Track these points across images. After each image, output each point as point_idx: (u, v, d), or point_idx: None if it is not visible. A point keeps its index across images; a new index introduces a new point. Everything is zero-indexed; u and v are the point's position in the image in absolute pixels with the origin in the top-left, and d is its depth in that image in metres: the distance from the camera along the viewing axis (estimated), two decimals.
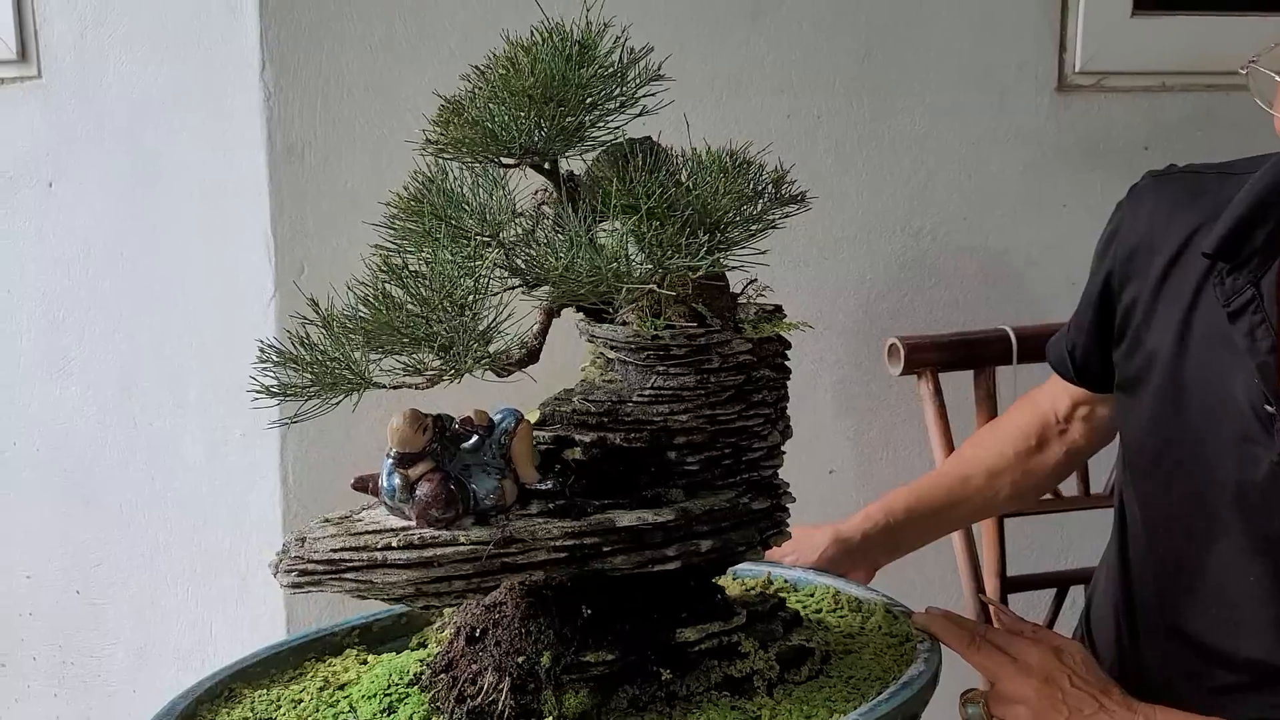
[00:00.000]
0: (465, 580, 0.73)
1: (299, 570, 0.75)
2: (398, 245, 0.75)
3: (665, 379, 0.80)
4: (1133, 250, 1.09)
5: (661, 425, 0.79)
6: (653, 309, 0.85)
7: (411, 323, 0.70)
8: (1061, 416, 1.23)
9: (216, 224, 1.42)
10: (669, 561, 0.76)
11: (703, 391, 0.80)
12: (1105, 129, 1.62)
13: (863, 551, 1.16)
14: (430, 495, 0.73)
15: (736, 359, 0.81)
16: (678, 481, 0.80)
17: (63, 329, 1.54)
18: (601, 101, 0.78)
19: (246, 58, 1.34)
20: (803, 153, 1.51)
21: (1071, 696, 0.91)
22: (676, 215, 0.71)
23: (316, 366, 0.72)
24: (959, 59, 1.55)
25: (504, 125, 0.74)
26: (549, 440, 0.82)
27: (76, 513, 1.58)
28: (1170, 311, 1.05)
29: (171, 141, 1.44)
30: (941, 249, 1.59)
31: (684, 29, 1.45)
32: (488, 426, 0.77)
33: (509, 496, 0.76)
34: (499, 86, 0.74)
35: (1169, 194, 1.08)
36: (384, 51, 1.37)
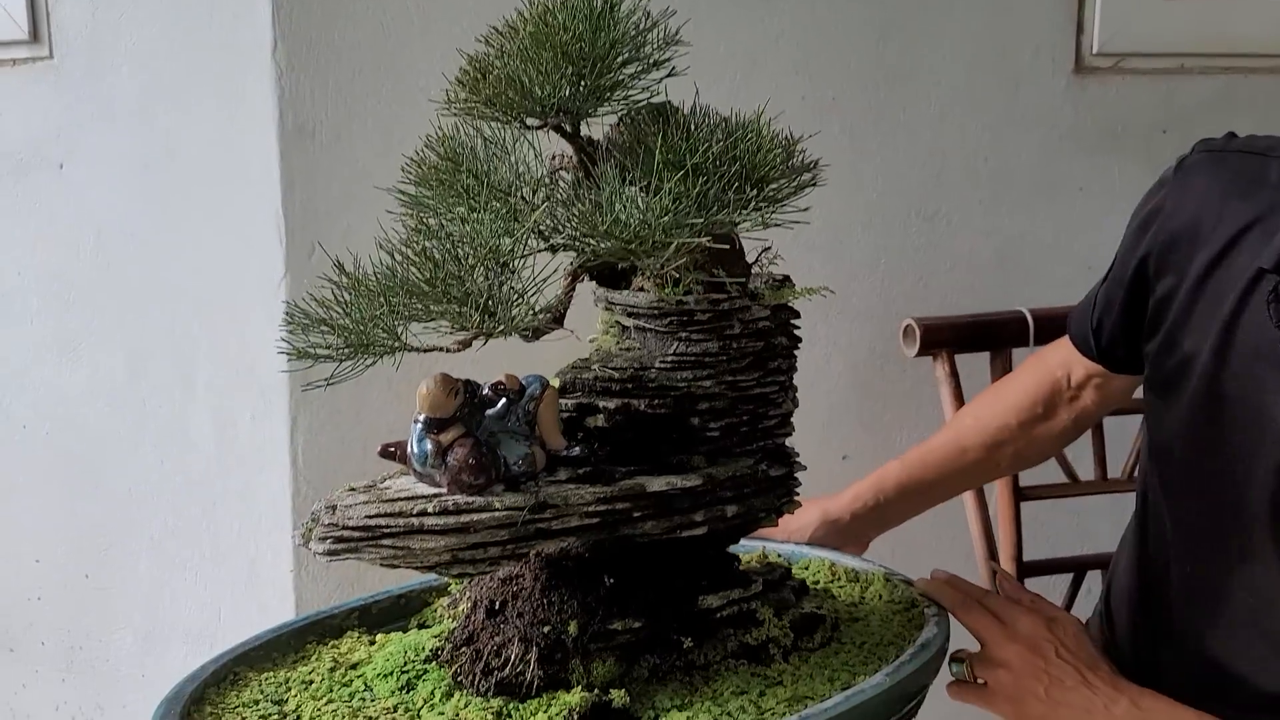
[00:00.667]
0: (500, 546, 0.73)
1: (334, 538, 0.74)
2: (431, 206, 0.74)
3: (688, 345, 0.80)
4: (1174, 237, 0.99)
5: (685, 391, 0.79)
6: (669, 277, 0.84)
7: (452, 281, 0.69)
8: (1074, 382, 1.17)
9: (227, 205, 1.42)
10: (696, 527, 0.76)
11: (725, 357, 0.80)
12: (1123, 111, 1.60)
13: (852, 530, 1.14)
14: (463, 461, 0.73)
15: (757, 325, 0.81)
16: (699, 448, 0.80)
17: (72, 311, 1.54)
18: (629, 62, 0.78)
19: (259, 37, 1.33)
20: (818, 136, 1.48)
21: (1055, 667, 0.89)
22: (724, 171, 0.69)
23: (348, 330, 0.71)
24: (975, 41, 1.54)
25: (540, 82, 0.72)
26: (571, 408, 0.81)
27: (85, 496, 1.58)
28: (1211, 315, 0.95)
29: (183, 122, 1.43)
30: (957, 233, 1.57)
31: (698, 8, 1.43)
32: (519, 390, 0.76)
33: (539, 463, 0.76)
34: (530, 45, 0.73)
35: (1223, 178, 0.97)
36: (396, 31, 1.37)
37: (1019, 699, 0.89)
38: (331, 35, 1.35)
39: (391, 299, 0.69)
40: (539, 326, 0.75)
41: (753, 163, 0.71)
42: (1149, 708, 0.89)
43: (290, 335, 0.72)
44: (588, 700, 0.72)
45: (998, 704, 0.91)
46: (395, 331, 0.70)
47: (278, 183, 1.36)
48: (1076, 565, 1.42)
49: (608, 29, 0.74)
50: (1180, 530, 1.03)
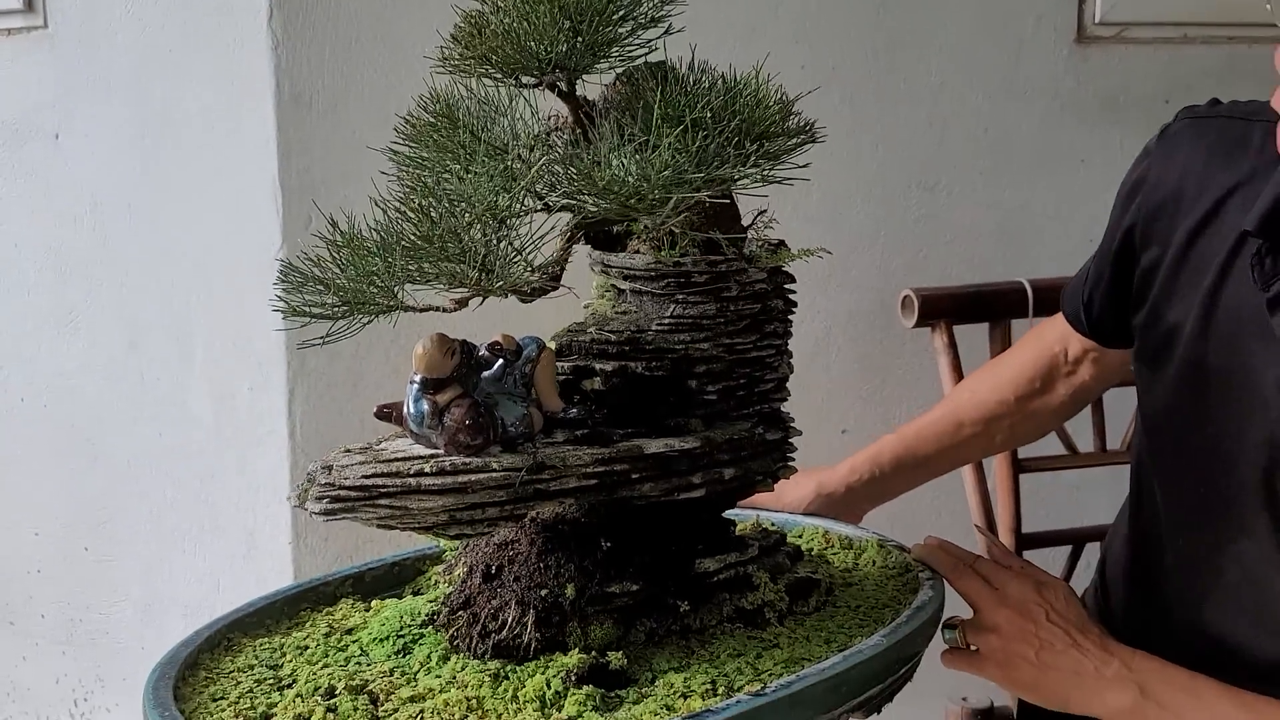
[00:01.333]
0: (499, 507, 0.72)
1: (331, 497, 0.74)
2: (427, 164, 0.73)
3: (685, 308, 0.79)
4: (1158, 206, 0.98)
5: (683, 354, 0.79)
6: (665, 239, 0.84)
7: (449, 238, 0.68)
8: (1071, 357, 1.16)
9: (224, 175, 1.41)
10: (694, 489, 0.75)
11: (722, 320, 0.79)
12: (1125, 81, 1.59)
13: (846, 502, 1.13)
14: (460, 421, 0.72)
15: (754, 288, 0.81)
16: (696, 411, 0.80)
17: (69, 283, 1.54)
18: (626, 19, 0.77)
19: (255, 5, 1.32)
20: (817, 105, 1.47)
21: (1045, 630, 0.89)
22: (723, 126, 0.69)
23: (343, 288, 0.70)
24: (976, 9, 1.53)
25: (536, 37, 0.72)
26: (567, 370, 0.81)
27: (84, 468, 1.58)
28: (1195, 284, 0.95)
29: (179, 92, 1.42)
30: (957, 204, 1.57)
31: None
32: (515, 351, 0.76)
33: (536, 424, 0.75)
34: None
35: (1206, 144, 0.96)
36: (392, 2, 1.35)
37: (1009, 663, 0.89)
38: (328, 3, 1.34)
39: (388, 257, 0.69)
40: (538, 285, 0.74)
41: (752, 118, 0.71)
42: (1140, 668, 0.89)
43: (285, 294, 0.71)
44: (585, 662, 0.72)
45: (989, 669, 0.91)
46: (391, 290, 0.69)
47: (274, 152, 1.35)
48: (1075, 537, 1.42)
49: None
50: (1171, 503, 1.03)
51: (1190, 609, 1.01)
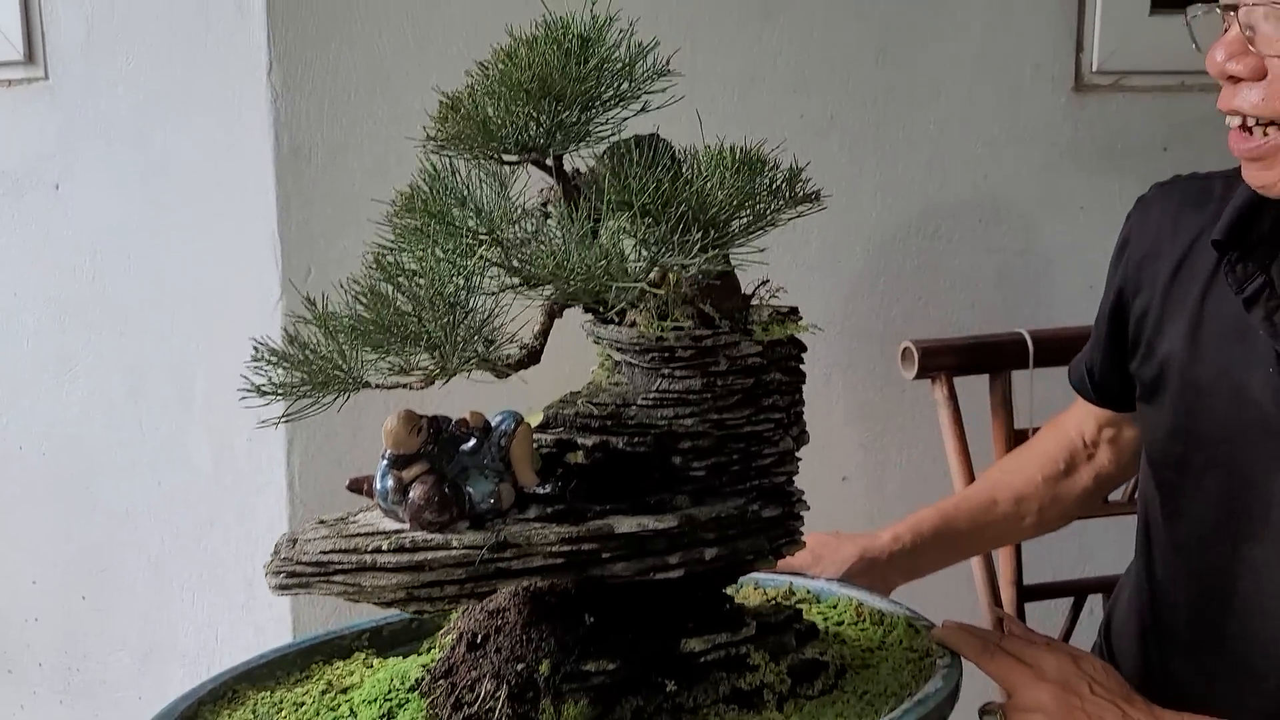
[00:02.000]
0: (458, 585, 0.72)
1: (286, 572, 0.74)
2: (393, 243, 0.74)
3: (671, 382, 0.79)
4: (1142, 259, 1.09)
5: (666, 429, 0.78)
6: (660, 310, 0.84)
7: (401, 320, 0.68)
8: (1089, 440, 1.21)
9: (223, 226, 1.41)
10: (671, 569, 0.74)
11: (709, 395, 0.78)
12: (1123, 129, 1.59)
13: (883, 573, 1.13)
14: (423, 497, 0.72)
15: (745, 362, 0.80)
16: (684, 488, 0.78)
17: (69, 331, 1.53)
18: (605, 97, 0.77)
19: (254, 59, 1.33)
20: (816, 153, 1.44)
21: (1092, 704, 0.87)
22: (671, 211, 0.69)
23: (308, 365, 0.71)
24: (974, 58, 1.54)
25: (499, 120, 0.72)
26: (551, 444, 0.80)
27: (82, 517, 1.57)
28: (1180, 313, 1.04)
29: (178, 143, 1.43)
30: (957, 251, 1.57)
31: (696, 27, 1.44)
32: (483, 428, 0.76)
33: (505, 500, 0.75)
34: (496, 81, 0.73)
35: (1175, 200, 1.09)
36: (391, 53, 1.36)
37: None
38: (327, 57, 1.34)
39: (342, 338, 0.69)
40: (511, 362, 0.75)
41: (700, 203, 0.69)
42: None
43: (253, 370, 0.72)
44: None
45: None
46: (350, 371, 0.70)
47: (273, 204, 1.35)
48: (1077, 589, 1.42)
49: (582, 63, 0.74)
50: (1179, 529, 1.05)
51: (1203, 630, 1.03)
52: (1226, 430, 0.99)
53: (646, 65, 0.77)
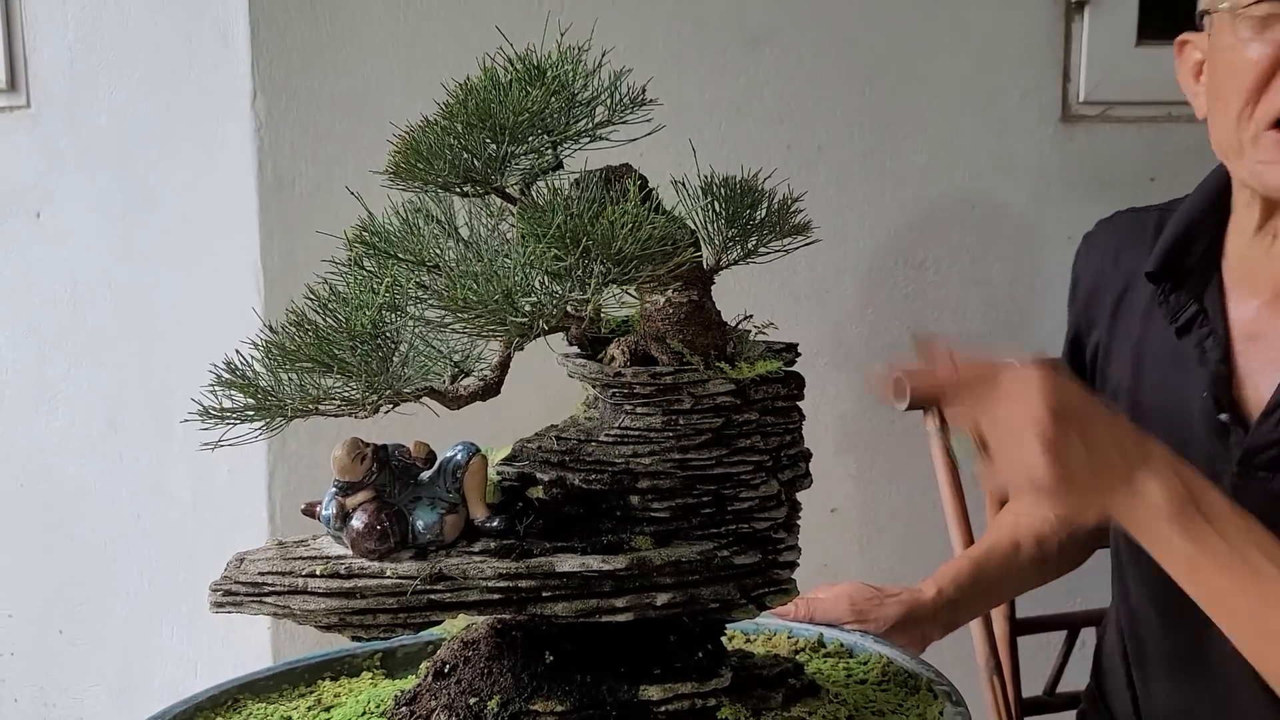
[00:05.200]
0: (391, 614, 0.71)
1: (224, 590, 0.74)
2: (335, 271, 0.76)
3: (632, 419, 0.77)
4: (1089, 295, 1.15)
5: (624, 468, 0.76)
6: (634, 345, 0.82)
7: (320, 349, 0.69)
8: None
9: (206, 256, 1.40)
10: (618, 613, 0.72)
11: (671, 434, 0.76)
12: (1111, 160, 1.59)
13: (924, 629, 1.11)
14: (363, 526, 0.73)
15: (714, 400, 0.77)
16: (646, 528, 0.76)
17: (48, 361, 1.52)
18: (579, 127, 0.77)
19: (238, 87, 1.32)
20: (804, 183, 1.45)
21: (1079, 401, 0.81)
22: (575, 245, 0.68)
23: (253, 391, 0.72)
24: (962, 88, 1.54)
25: (440, 153, 0.73)
26: (514, 477, 0.79)
27: (60, 550, 1.55)
28: (1124, 343, 1.10)
29: (161, 172, 1.42)
30: (945, 282, 1.56)
31: (682, 57, 1.44)
32: (426, 459, 0.76)
33: (450, 532, 0.75)
34: (444, 115, 0.73)
35: (1115, 236, 1.14)
36: (376, 82, 1.35)
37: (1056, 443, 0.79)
38: (311, 86, 1.34)
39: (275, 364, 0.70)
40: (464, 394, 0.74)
41: (605, 238, 0.68)
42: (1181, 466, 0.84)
43: (209, 393, 0.71)
44: None
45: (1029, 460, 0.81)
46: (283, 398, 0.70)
47: (256, 234, 1.34)
48: (1070, 622, 1.40)
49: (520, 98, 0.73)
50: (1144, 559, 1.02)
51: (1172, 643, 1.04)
52: None
53: (621, 94, 0.77)
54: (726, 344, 0.85)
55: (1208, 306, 1.03)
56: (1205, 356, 1.01)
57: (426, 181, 0.76)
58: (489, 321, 0.68)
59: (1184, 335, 1.03)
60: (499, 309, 0.68)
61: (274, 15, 1.31)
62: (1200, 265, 1.05)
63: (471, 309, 0.68)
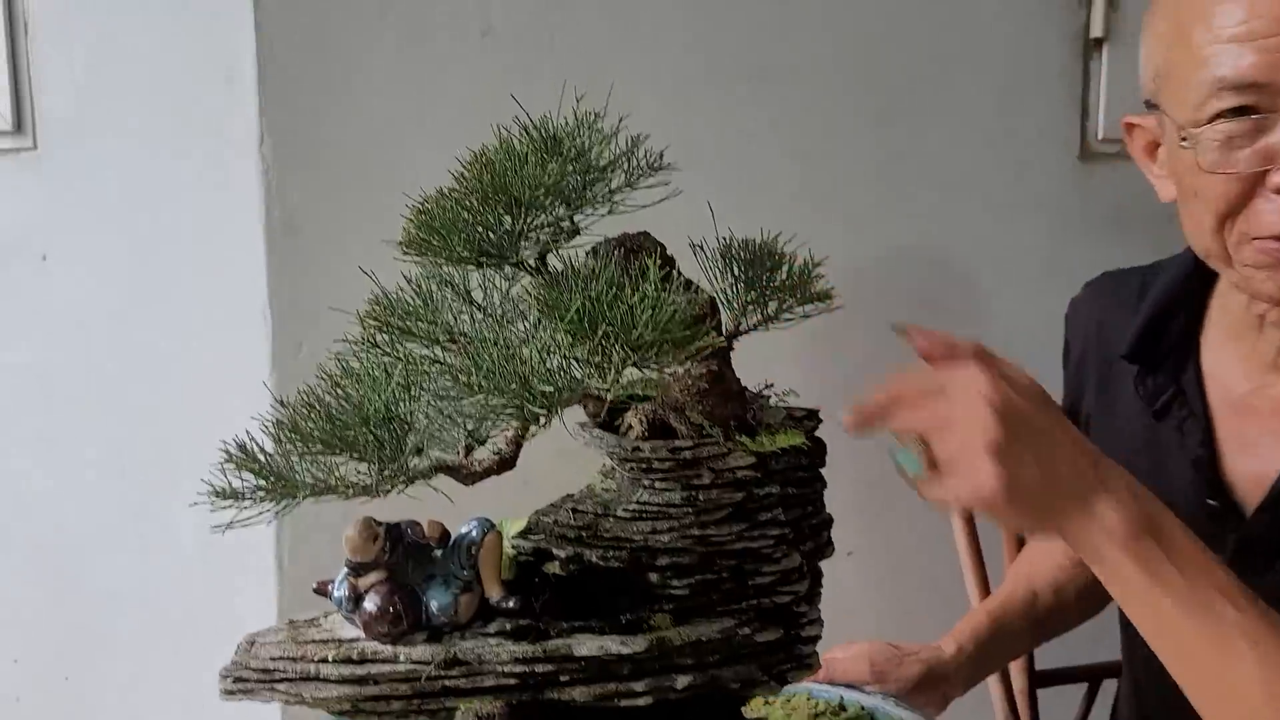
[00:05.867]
0: (405, 701, 0.70)
1: (235, 677, 0.72)
2: (352, 349, 0.74)
3: (651, 494, 0.75)
4: (1077, 362, 1.13)
5: (642, 544, 0.74)
6: (653, 412, 0.81)
7: (332, 431, 0.67)
8: None
9: (213, 301, 1.38)
10: (637, 697, 0.70)
11: (690, 510, 0.74)
12: (1130, 199, 1.55)
13: (945, 688, 1.09)
14: (376, 609, 0.71)
15: (734, 474, 0.76)
16: (665, 606, 0.74)
17: (54, 406, 1.50)
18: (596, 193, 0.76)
19: (245, 130, 1.31)
20: (814, 223, 1.45)
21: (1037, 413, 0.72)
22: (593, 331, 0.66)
23: (267, 473, 0.70)
24: (977, 126, 1.51)
25: (449, 226, 0.72)
26: (530, 552, 0.77)
27: (66, 596, 1.53)
28: (1109, 419, 1.06)
29: (168, 215, 1.40)
30: (960, 324, 1.49)
31: (688, 92, 1.42)
32: (440, 539, 0.74)
33: (465, 613, 0.73)
34: (457, 186, 0.73)
35: (1099, 303, 1.11)
36: (387, 126, 1.34)
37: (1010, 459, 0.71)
38: (321, 129, 1.32)
39: (296, 445, 0.68)
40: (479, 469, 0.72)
41: (624, 323, 0.66)
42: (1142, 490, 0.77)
43: (218, 473, 0.70)
44: None
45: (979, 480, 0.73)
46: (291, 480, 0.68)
47: (264, 279, 1.32)
48: (1090, 674, 1.37)
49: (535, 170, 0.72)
50: None
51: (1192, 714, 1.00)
52: None
53: (637, 160, 0.76)
54: (747, 413, 0.83)
55: (1185, 388, 0.99)
56: (1185, 441, 0.98)
57: (441, 256, 0.74)
58: (505, 405, 0.67)
59: (1163, 419, 1.00)
60: (515, 394, 0.66)
61: (282, 57, 1.30)
62: (1178, 344, 1.01)
63: (487, 392, 0.66)
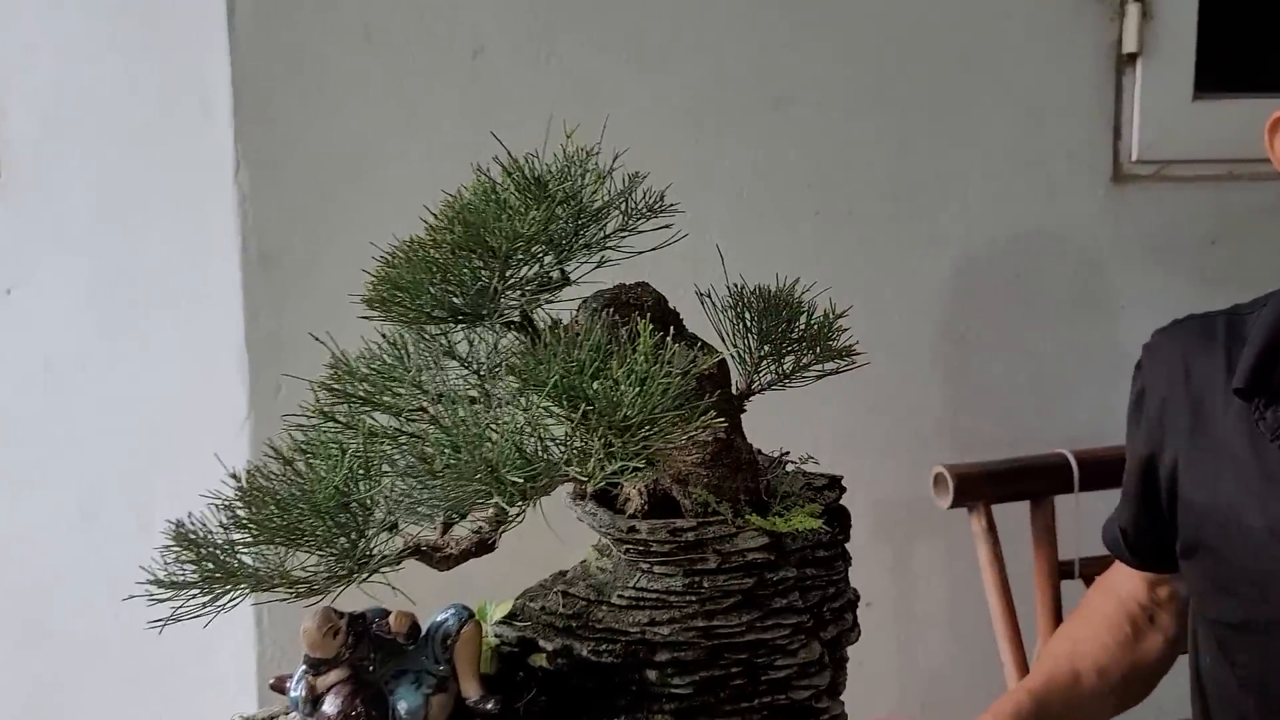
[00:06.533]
0: None
1: None
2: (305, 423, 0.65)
3: (649, 579, 0.66)
4: (1161, 407, 1.07)
5: (639, 637, 0.65)
6: (654, 483, 0.72)
7: (281, 520, 0.58)
8: (1143, 603, 1.13)
9: (186, 337, 1.31)
10: None
11: (694, 598, 0.66)
12: (1167, 223, 1.48)
13: None
14: (335, 713, 0.63)
15: (743, 557, 0.67)
16: (665, 706, 0.65)
17: (20, 446, 1.43)
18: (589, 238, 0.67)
19: (219, 158, 1.23)
20: (832, 252, 1.38)
21: None
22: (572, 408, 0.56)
23: (211, 563, 0.60)
24: (1004, 148, 1.43)
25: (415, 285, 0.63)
26: (513, 641, 0.69)
27: (37, 645, 1.45)
28: (1208, 459, 1.02)
29: (139, 247, 1.33)
30: (986, 358, 1.45)
31: (700, 119, 1.33)
32: (408, 633, 0.65)
33: (436, 715, 0.64)
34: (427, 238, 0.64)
35: (1181, 345, 1.07)
36: (370, 154, 1.26)
37: None
38: (299, 157, 1.25)
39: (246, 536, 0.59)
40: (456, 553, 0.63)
41: (608, 402, 0.56)
42: None
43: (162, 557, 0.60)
44: None
45: None
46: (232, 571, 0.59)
47: (241, 314, 1.25)
48: None
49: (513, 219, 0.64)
50: (1250, 682, 0.99)
51: None
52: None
53: (635, 201, 0.66)
54: (760, 484, 0.74)
55: None
56: None
57: (408, 317, 0.65)
58: (470, 496, 0.57)
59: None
60: (482, 483, 0.56)
61: (258, 82, 1.22)
62: None
63: (446, 480, 0.57)
